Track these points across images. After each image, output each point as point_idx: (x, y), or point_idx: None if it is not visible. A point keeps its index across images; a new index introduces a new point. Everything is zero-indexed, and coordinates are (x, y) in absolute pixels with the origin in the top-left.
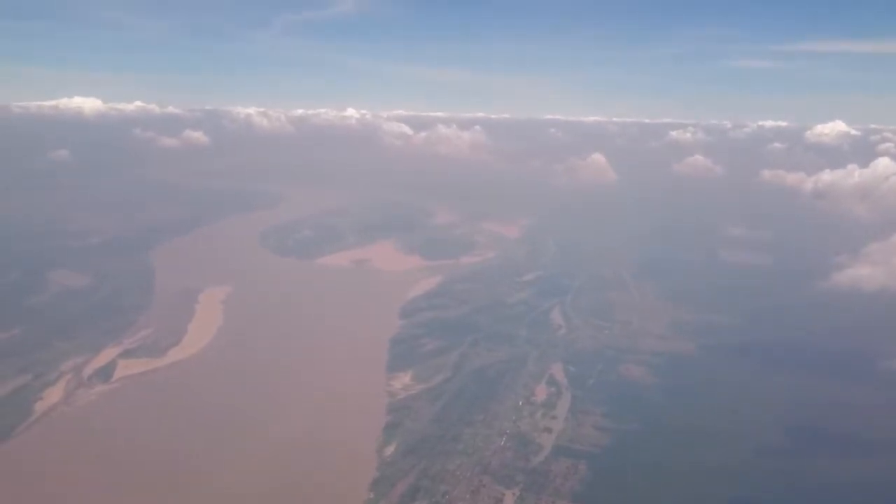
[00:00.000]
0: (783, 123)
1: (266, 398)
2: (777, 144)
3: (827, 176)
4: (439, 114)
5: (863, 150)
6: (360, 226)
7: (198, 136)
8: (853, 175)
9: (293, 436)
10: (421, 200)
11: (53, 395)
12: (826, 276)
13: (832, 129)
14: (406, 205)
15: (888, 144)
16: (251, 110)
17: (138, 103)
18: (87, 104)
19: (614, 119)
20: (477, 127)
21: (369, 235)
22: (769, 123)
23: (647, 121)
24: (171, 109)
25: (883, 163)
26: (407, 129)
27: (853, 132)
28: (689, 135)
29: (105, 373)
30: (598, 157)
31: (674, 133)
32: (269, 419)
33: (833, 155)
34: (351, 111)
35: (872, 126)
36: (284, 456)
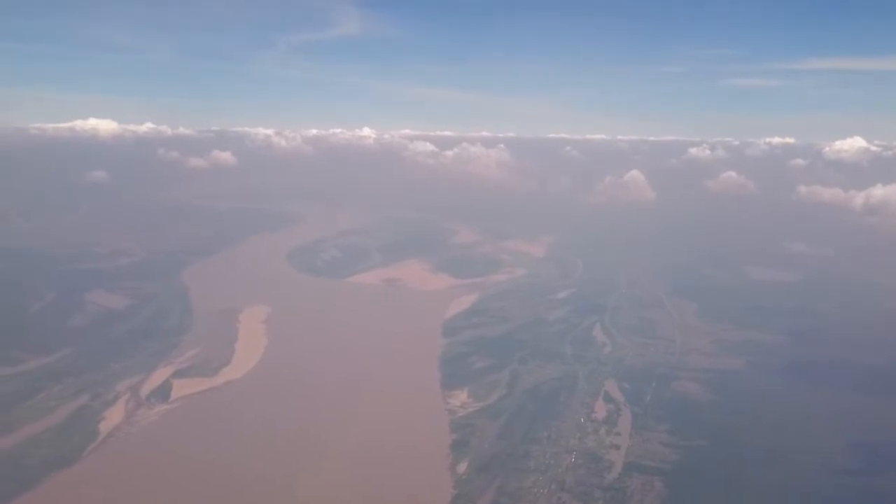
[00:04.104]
0: (790, 140)
1: (327, 416)
2: (800, 161)
3: (878, 191)
4: (446, 133)
5: (881, 167)
6: (386, 244)
7: (226, 156)
8: None
9: (363, 453)
10: (444, 219)
11: (115, 415)
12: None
13: (851, 145)
14: (429, 223)
15: None
16: (270, 131)
17: (149, 125)
18: (103, 125)
19: (619, 137)
20: (501, 145)
21: (395, 254)
22: (776, 140)
23: (652, 138)
24: (181, 130)
25: None
26: (433, 148)
27: (872, 148)
28: (708, 152)
29: (162, 393)
30: (636, 175)
31: (693, 150)
32: (336, 437)
33: (854, 171)
34: (367, 130)
35: (877, 142)
36: (359, 473)
